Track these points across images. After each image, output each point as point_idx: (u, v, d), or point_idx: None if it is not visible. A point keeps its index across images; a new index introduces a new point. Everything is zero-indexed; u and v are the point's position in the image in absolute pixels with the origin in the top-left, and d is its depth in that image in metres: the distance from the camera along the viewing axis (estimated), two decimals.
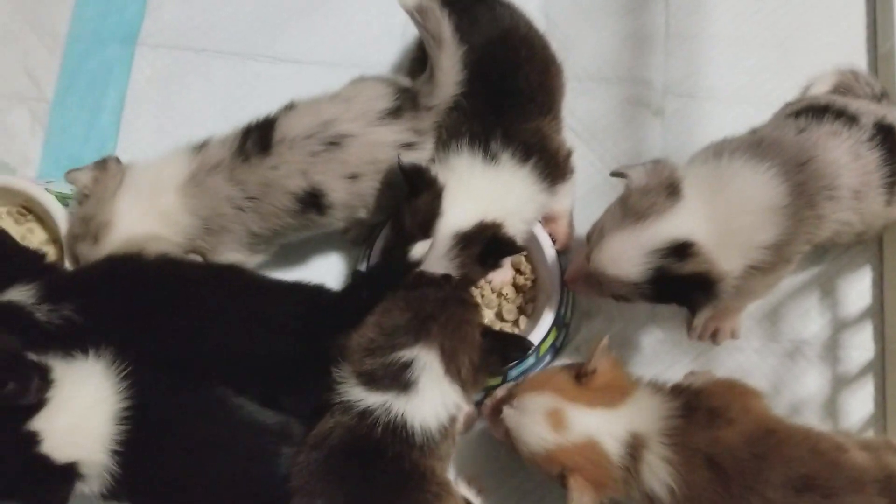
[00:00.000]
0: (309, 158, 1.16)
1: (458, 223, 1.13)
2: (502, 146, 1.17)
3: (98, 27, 1.50)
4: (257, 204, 1.18)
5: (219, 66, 1.49)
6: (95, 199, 1.18)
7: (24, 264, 1.15)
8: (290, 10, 1.52)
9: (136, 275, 1.15)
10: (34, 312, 1.08)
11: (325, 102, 1.20)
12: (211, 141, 1.23)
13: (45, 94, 1.46)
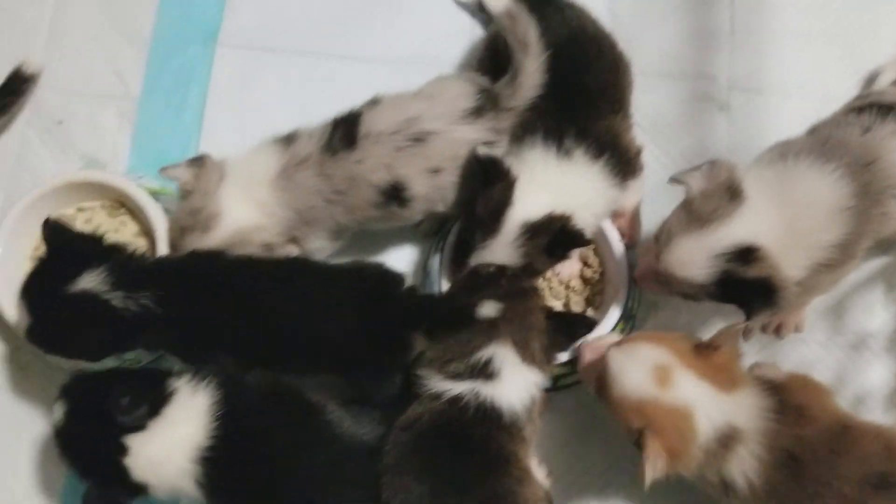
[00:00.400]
0: (393, 153, 1.21)
1: (527, 213, 1.18)
2: (576, 142, 1.21)
3: (181, 29, 1.56)
4: (344, 197, 1.24)
5: (294, 65, 1.55)
6: (201, 192, 1.23)
7: (87, 249, 1.19)
8: (361, 10, 1.57)
9: (216, 268, 1.20)
10: (110, 300, 1.12)
11: (410, 99, 1.25)
12: (298, 135, 1.28)
13: (131, 93, 1.53)
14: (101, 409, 1.07)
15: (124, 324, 1.13)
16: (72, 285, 1.12)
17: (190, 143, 1.50)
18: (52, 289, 1.13)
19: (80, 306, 1.12)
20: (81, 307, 1.12)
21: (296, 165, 1.25)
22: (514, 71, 1.22)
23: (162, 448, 1.10)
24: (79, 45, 1.56)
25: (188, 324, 1.17)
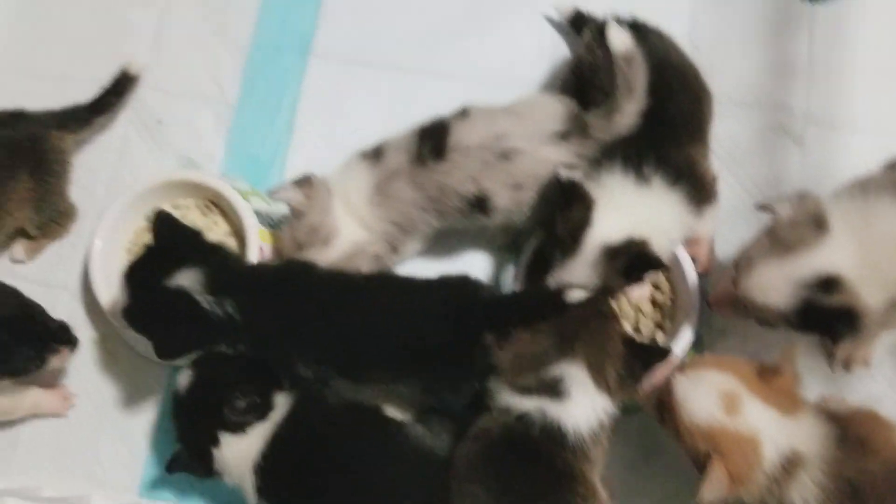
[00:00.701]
0: (480, 166, 1.27)
1: (606, 235, 1.22)
2: (654, 169, 1.25)
3: (277, 38, 1.64)
4: (436, 203, 1.30)
5: (382, 78, 1.61)
6: (317, 211, 1.30)
7: (193, 247, 1.25)
8: (450, 28, 1.63)
9: (309, 278, 1.26)
10: (200, 301, 1.18)
11: (500, 115, 1.30)
12: (385, 148, 1.34)
13: (228, 98, 1.61)
14: (217, 397, 1.16)
15: (209, 325, 1.19)
16: (170, 279, 1.18)
17: (280, 148, 1.57)
18: (152, 278, 1.20)
19: (173, 301, 1.18)
20: (174, 302, 1.18)
21: (388, 179, 1.31)
22: (611, 108, 1.25)
23: (239, 453, 1.20)
24: (181, 49, 1.64)
25: (274, 330, 1.22)
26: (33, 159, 1.41)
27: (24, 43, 1.66)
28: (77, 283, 1.51)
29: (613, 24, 1.23)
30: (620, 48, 1.21)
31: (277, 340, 1.22)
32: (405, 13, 1.65)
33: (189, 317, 1.18)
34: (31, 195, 1.41)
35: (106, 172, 1.57)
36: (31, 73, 1.63)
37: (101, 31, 1.66)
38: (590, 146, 1.29)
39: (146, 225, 1.47)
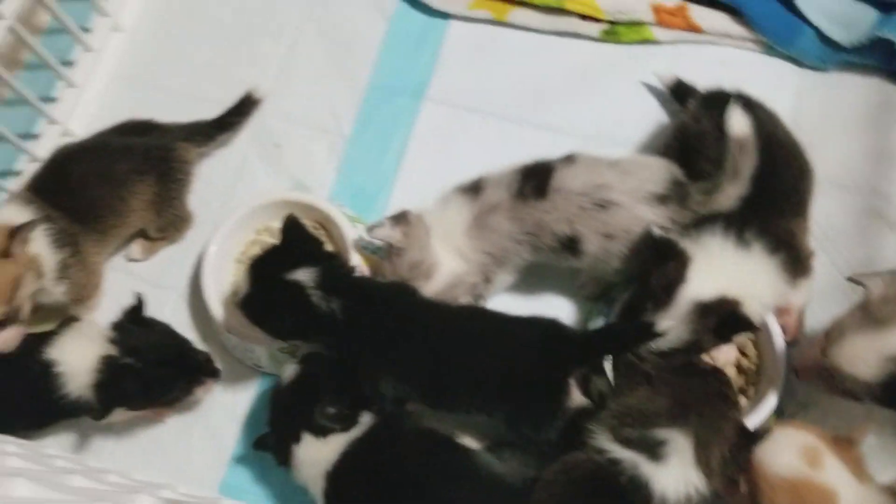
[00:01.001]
0: (577, 211, 1.32)
1: (700, 293, 1.25)
2: (755, 236, 1.28)
3: (394, 80, 1.73)
4: (531, 238, 1.36)
5: (489, 126, 1.68)
6: (417, 248, 1.37)
7: (312, 251, 1.34)
8: (559, 85, 1.70)
9: (409, 302, 1.33)
10: (311, 295, 1.27)
11: (605, 167, 1.35)
12: (484, 184, 1.40)
13: (343, 130, 1.70)
14: (312, 398, 1.22)
15: (314, 318, 1.27)
16: (288, 273, 1.28)
17: (387, 182, 1.65)
18: (273, 271, 1.30)
19: (287, 291, 1.28)
20: (288, 292, 1.28)
21: (488, 212, 1.37)
22: (714, 186, 1.29)
23: (315, 456, 1.27)
24: (303, 81, 1.75)
25: (369, 339, 1.29)
26: (161, 166, 1.52)
27: (163, 61, 1.79)
28: (185, 285, 1.60)
29: (736, 108, 1.26)
30: (738, 132, 1.24)
31: (370, 350, 1.29)
32: (517, 67, 1.73)
33: (298, 307, 1.27)
34: (155, 199, 1.52)
35: (223, 187, 1.67)
36: (164, 89, 1.76)
37: (233, 57, 1.78)
38: (685, 215, 1.33)
39: (255, 238, 1.55)
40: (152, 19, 1.83)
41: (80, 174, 1.45)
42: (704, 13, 1.67)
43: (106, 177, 1.46)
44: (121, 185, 1.47)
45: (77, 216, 1.42)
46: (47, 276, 1.35)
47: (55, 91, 1.73)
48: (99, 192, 1.45)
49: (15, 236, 1.27)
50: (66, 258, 1.38)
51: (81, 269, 1.42)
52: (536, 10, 1.72)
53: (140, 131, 1.55)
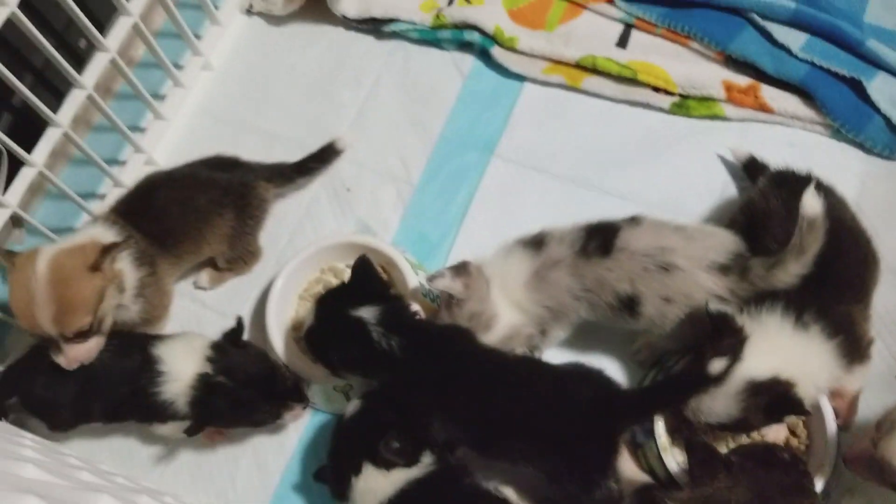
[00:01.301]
0: (640, 271, 1.34)
1: (753, 371, 1.25)
2: (814, 319, 1.28)
3: (465, 135, 1.79)
4: (590, 296, 1.38)
5: (554, 187, 1.72)
6: (477, 299, 1.40)
7: (379, 291, 1.39)
8: (625, 152, 1.73)
9: (465, 346, 1.36)
10: (372, 332, 1.32)
11: (670, 231, 1.37)
12: (547, 239, 1.43)
13: (411, 179, 1.76)
14: (376, 431, 1.25)
15: (373, 354, 1.32)
16: (353, 310, 1.33)
17: (450, 232, 1.70)
18: (338, 307, 1.35)
19: (349, 327, 1.33)
20: (350, 328, 1.33)
21: (549, 267, 1.40)
22: (777, 262, 1.30)
23: (373, 488, 1.28)
24: (378, 129, 1.82)
25: (424, 379, 1.33)
26: (240, 202, 1.59)
27: (246, 101, 1.88)
28: (248, 316, 1.65)
29: (812, 189, 1.26)
30: (810, 212, 1.25)
31: (424, 389, 1.33)
32: (585, 131, 1.77)
33: (359, 342, 1.32)
34: (230, 232, 1.58)
35: (292, 224, 1.73)
36: (245, 127, 1.84)
37: (312, 102, 1.86)
38: (745, 288, 1.34)
39: (319, 276, 1.60)
40: (240, 61, 1.92)
41: (164, 201, 1.52)
42: (775, 94, 1.70)
43: (188, 206, 1.53)
44: (200, 216, 1.54)
45: (156, 240, 1.49)
46: (127, 292, 1.41)
47: (143, 121, 1.83)
48: (179, 219, 1.52)
49: (107, 253, 1.33)
50: (144, 277, 1.45)
51: (156, 289, 1.49)
52: (610, 78, 1.77)
53: (225, 167, 1.63)
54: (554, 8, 1.86)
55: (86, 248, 1.34)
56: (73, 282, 1.31)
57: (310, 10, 1.91)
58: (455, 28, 1.84)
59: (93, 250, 1.33)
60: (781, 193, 1.40)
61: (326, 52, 1.92)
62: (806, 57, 1.68)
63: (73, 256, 1.33)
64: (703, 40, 1.74)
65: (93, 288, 1.32)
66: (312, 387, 1.49)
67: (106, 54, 1.56)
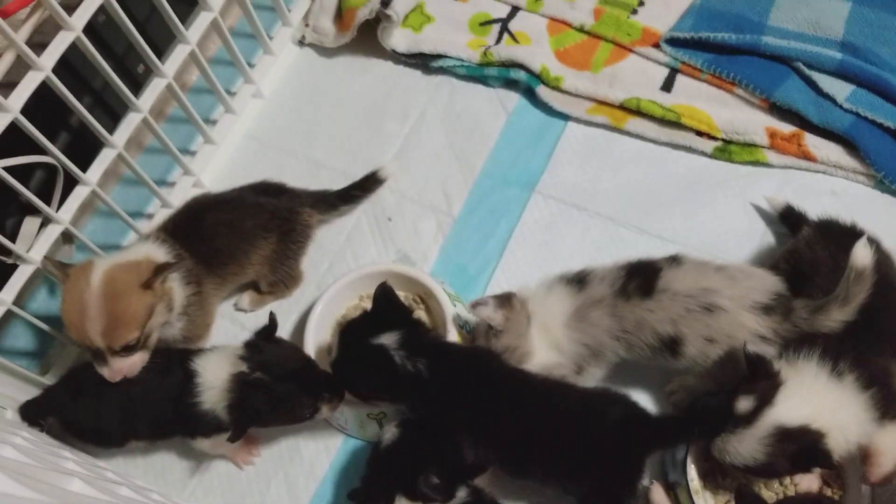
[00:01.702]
0: (683, 312, 1.34)
1: (784, 418, 1.24)
2: (850, 369, 1.27)
3: (507, 170, 1.81)
4: (629, 336, 1.38)
5: (593, 224, 1.73)
6: (514, 334, 1.41)
7: (399, 317, 1.40)
8: (666, 193, 1.74)
9: (492, 367, 1.38)
10: (394, 356, 1.33)
11: (712, 271, 1.37)
12: (589, 278, 1.43)
13: (452, 212, 1.78)
14: (413, 464, 1.26)
15: (398, 378, 1.33)
16: (375, 338, 1.35)
17: (488, 266, 1.71)
18: (361, 336, 1.37)
19: (372, 354, 1.35)
20: (373, 355, 1.35)
21: (590, 306, 1.41)
22: (820, 308, 1.30)
23: None
24: (422, 161, 1.85)
25: (453, 400, 1.34)
26: (285, 226, 1.62)
27: (293, 129, 1.92)
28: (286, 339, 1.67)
29: (864, 240, 1.26)
30: (860, 264, 1.24)
31: (454, 410, 1.34)
32: (627, 172, 1.78)
33: (383, 368, 1.34)
34: (273, 256, 1.61)
35: (333, 251, 1.76)
36: (291, 154, 1.88)
37: (358, 132, 1.89)
38: (787, 328, 1.33)
39: (358, 303, 1.63)
40: (290, 90, 1.97)
41: (212, 223, 1.55)
42: (819, 143, 1.70)
43: (235, 228, 1.56)
44: (246, 238, 1.57)
45: (203, 260, 1.52)
46: (174, 311, 1.44)
47: (193, 145, 1.88)
48: (227, 241, 1.55)
49: (160, 272, 1.37)
50: (190, 296, 1.48)
51: (200, 308, 1.52)
52: (653, 121, 1.78)
53: (272, 192, 1.66)
54: (600, 50, 1.88)
55: (140, 264, 1.38)
56: (125, 297, 1.34)
57: (360, 43, 1.96)
58: (502, 66, 1.88)
59: (147, 268, 1.37)
60: (828, 243, 1.40)
61: (374, 84, 1.96)
62: (851, 107, 1.69)
63: (126, 272, 1.36)
64: (748, 87, 1.75)
65: (143, 305, 1.35)
66: (346, 412, 1.50)
67: (163, 80, 1.61)
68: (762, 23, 1.83)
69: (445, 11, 1.98)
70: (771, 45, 1.76)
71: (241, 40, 1.93)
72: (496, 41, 1.92)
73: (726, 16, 1.85)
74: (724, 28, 1.83)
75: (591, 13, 1.92)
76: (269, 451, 1.58)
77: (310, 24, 1.99)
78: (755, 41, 1.77)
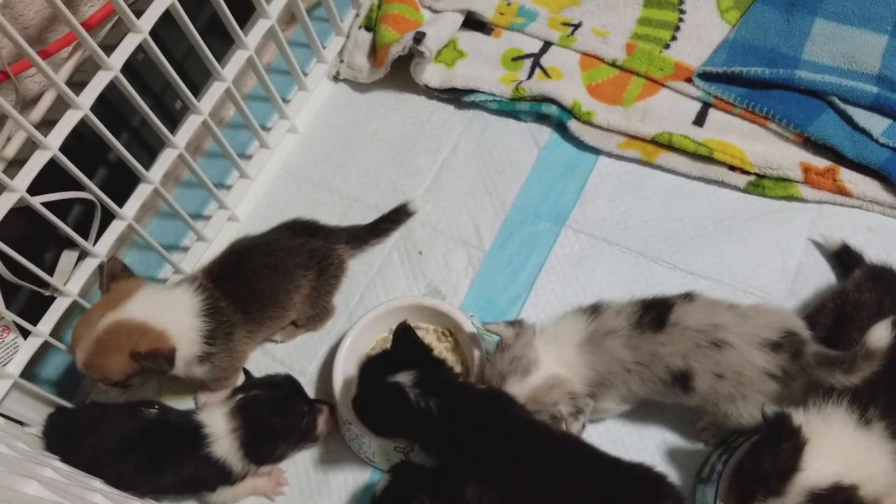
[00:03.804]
0: (692, 347, 1.33)
1: (815, 480, 1.19)
2: (879, 416, 1.24)
3: (537, 205, 1.81)
4: (641, 369, 1.38)
5: (624, 259, 1.72)
6: (521, 344, 1.42)
7: (418, 356, 1.40)
8: (697, 229, 1.73)
9: (505, 411, 1.36)
10: (409, 394, 1.32)
11: (723, 308, 1.36)
12: (604, 309, 1.44)
13: (483, 245, 1.78)
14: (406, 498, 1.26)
15: (412, 417, 1.33)
16: (392, 376, 1.35)
17: (519, 300, 1.71)
18: (379, 374, 1.37)
19: (388, 392, 1.35)
20: (389, 393, 1.34)
21: (604, 334, 1.41)
22: (826, 363, 1.27)
23: None
24: (453, 195, 1.86)
25: (461, 439, 1.33)
26: (323, 264, 1.65)
27: (327, 163, 1.95)
28: (315, 372, 1.69)
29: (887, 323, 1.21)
30: (875, 345, 1.21)
31: (462, 450, 1.32)
32: (659, 206, 1.77)
33: (398, 407, 1.34)
34: (312, 293, 1.64)
35: (364, 283, 1.77)
36: (325, 188, 1.91)
37: (391, 167, 1.91)
38: (796, 370, 1.31)
39: (387, 335, 1.63)
40: (324, 125, 2.00)
41: (257, 265, 1.58)
42: (855, 178, 1.68)
43: (279, 270, 1.58)
44: (289, 278, 1.59)
45: (242, 304, 1.55)
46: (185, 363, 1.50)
47: (229, 179, 1.91)
48: (270, 283, 1.58)
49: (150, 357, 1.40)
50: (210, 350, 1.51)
51: (229, 355, 1.54)
52: (685, 155, 1.78)
53: (308, 231, 1.69)
54: (632, 85, 1.88)
55: (147, 333, 1.41)
56: (112, 354, 1.40)
57: (393, 78, 1.99)
58: (533, 101, 1.89)
59: (148, 341, 1.40)
60: (876, 288, 1.38)
61: (407, 119, 1.98)
62: (887, 142, 1.66)
63: (128, 333, 1.40)
64: (782, 122, 1.74)
65: (126, 368, 1.40)
66: (373, 445, 1.50)
67: (199, 116, 1.64)
68: (796, 57, 1.82)
69: (478, 47, 2.00)
70: (805, 80, 1.75)
71: (277, 76, 1.97)
72: (528, 76, 1.94)
73: (760, 50, 1.85)
74: (758, 62, 1.82)
75: (623, 48, 1.93)
76: (299, 484, 1.58)
77: (344, 60, 2.03)
78: (789, 75, 1.76)
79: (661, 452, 1.52)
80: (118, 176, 1.68)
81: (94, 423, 1.47)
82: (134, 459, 1.42)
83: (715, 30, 1.93)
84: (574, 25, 1.99)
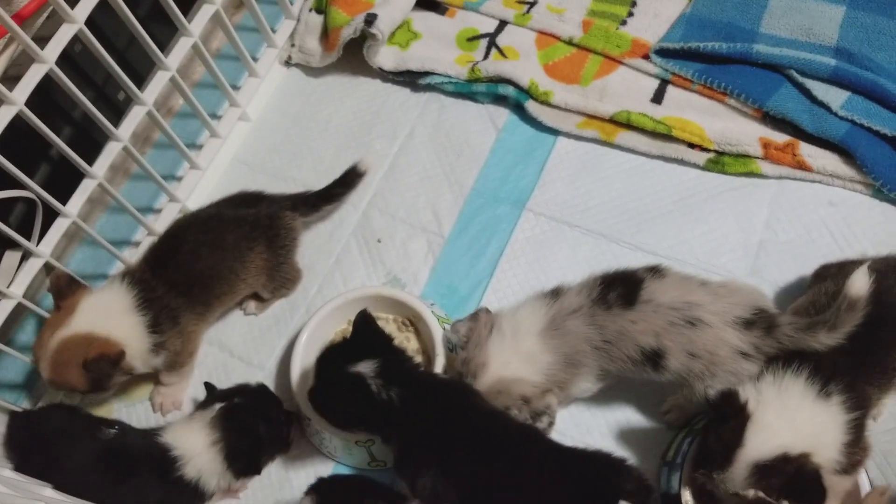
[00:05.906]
0: (665, 325, 1.31)
1: (758, 454, 1.19)
2: (840, 390, 1.24)
3: (497, 189, 1.78)
4: (610, 347, 1.35)
5: (585, 241, 1.70)
6: (473, 344, 1.40)
7: (379, 345, 1.37)
8: (658, 208, 1.71)
9: (465, 402, 1.34)
10: (371, 384, 1.29)
11: (696, 286, 1.34)
12: (563, 291, 1.42)
13: (442, 231, 1.75)
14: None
15: (373, 408, 1.30)
16: (352, 366, 1.32)
17: (480, 286, 1.68)
18: (337, 364, 1.34)
19: (348, 382, 1.31)
20: (349, 383, 1.31)
21: (566, 315, 1.38)
22: (808, 326, 1.26)
23: None
24: (411, 181, 1.82)
25: (419, 429, 1.30)
26: (269, 234, 1.60)
27: (281, 152, 1.90)
28: (273, 366, 1.65)
29: (864, 270, 1.22)
30: (855, 293, 1.21)
31: (420, 439, 1.30)
32: (619, 187, 1.75)
33: (359, 398, 1.30)
34: (265, 264, 1.60)
35: (322, 274, 1.74)
36: (279, 177, 1.86)
37: (346, 153, 1.87)
38: (769, 344, 1.30)
39: (346, 327, 1.60)
40: (276, 111, 1.95)
41: (192, 246, 1.52)
42: (814, 152, 1.66)
43: (217, 247, 1.53)
44: (231, 254, 1.54)
45: (183, 290, 1.50)
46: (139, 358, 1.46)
47: (179, 171, 1.86)
48: (210, 261, 1.52)
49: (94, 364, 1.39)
50: (160, 340, 1.47)
51: (181, 339, 1.50)
52: (644, 134, 1.75)
53: (250, 202, 1.63)
54: (589, 63, 1.85)
55: (91, 342, 1.40)
56: (68, 370, 1.40)
57: (347, 62, 1.94)
58: (490, 81, 1.85)
59: (95, 348, 1.39)
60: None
61: (362, 103, 1.94)
62: (847, 115, 1.65)
63: (75, 348, 1.40)
64: (741, 97, 1.72)
65: (82, 379, 1.40)
66: (334, 441, 1.47)
67: (143, 108, 1.59)
68: (754, 30, 1.80)
69: (433, 28, 1.96)
70: (763, 54, 1.73)
71: (227, 63, 1.91)
72: (484, 56, 1.90)
73: (717, 24, 1.82)
74: (715, 37, 1.79)
75: (579, 25, 1.90)
76: (260, 481, 1.54)
77: (296, 45, 1.97)
78: (747, 49, 1.74)
79: (626, 436, 1.51)
80: (62, 171, 1.62)
81: (54, 434, 1.41)
82: (90, 483, 1.36)
83: (672, 4, 1.90)
84: (530, 3, 1.95)
